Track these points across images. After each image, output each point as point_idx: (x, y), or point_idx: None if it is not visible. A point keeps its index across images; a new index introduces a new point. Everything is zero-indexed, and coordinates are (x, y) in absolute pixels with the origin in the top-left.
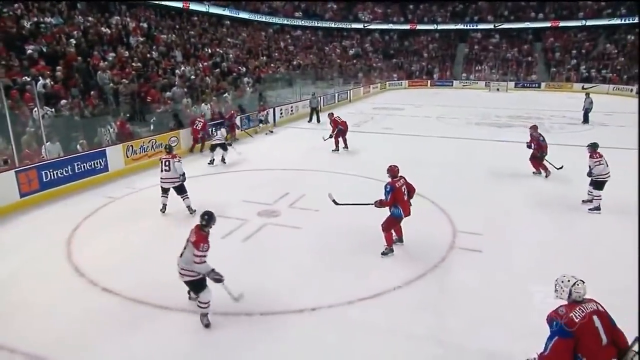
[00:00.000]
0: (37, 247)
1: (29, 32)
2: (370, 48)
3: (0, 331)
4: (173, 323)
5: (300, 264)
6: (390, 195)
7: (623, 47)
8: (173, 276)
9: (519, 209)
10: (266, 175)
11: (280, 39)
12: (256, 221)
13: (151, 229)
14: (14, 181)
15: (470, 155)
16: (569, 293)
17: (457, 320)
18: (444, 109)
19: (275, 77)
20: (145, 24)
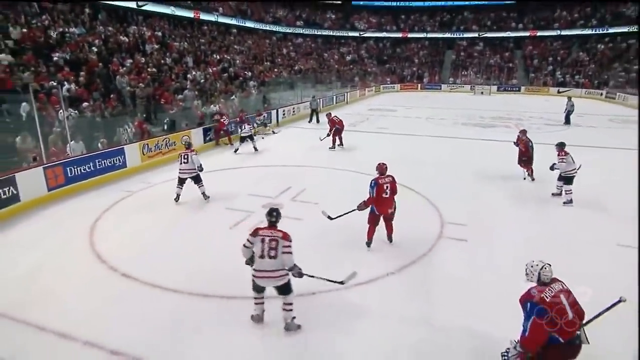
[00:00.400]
0: (63, 236)
1: (55, 41)
2: (366, 54)
3: (32, 311)
4: (183, 303)
5: (301, 252)
6: (374, 190)
7: (594, 55)
8: (183, 262)
9: (500, 201)
10: (270, 171)
11: (283, 46)
12: (261, 213)
13: (165, 219)
14: (42, 176)
15: (457, 153)
16: (538, 276)
17: (444, 303)
18: (433, 110)
19: (278, 81)
20: (160, 33)
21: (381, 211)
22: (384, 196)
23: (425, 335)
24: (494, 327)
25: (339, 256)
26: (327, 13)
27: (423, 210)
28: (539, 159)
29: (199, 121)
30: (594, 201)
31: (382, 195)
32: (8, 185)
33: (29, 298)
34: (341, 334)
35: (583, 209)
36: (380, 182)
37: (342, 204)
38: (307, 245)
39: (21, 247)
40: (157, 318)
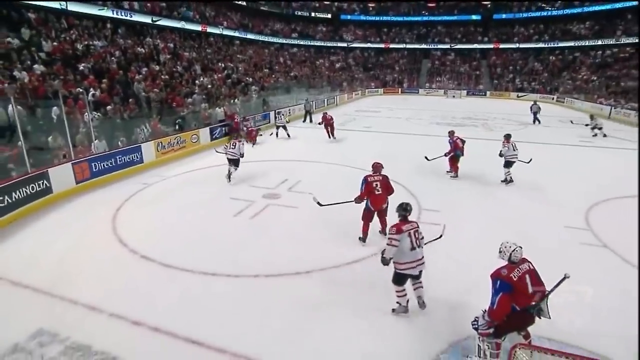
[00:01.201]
0: (89, 223)
1: (81, 52)
2: (353, 62)
3: (64, 287)
4: (194, 282)
5: (298, 236)
6: (363, 187)
7: (547, 65)
8: (194, 245)
9: (468, 190)
10: (269, 165)
11: (280, 55)
12: (261, 202)
13: (177, 208)
14: (70, 171)
15: (432, 148)
16: (509, 256)
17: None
18: (412, 111)
19: (276, 86)
20: (172, 44)
21: (374, 206)
22: (376, 193)
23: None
24: (463, 296)
25: (331, 240)
26: (318, 26)
27: (403, 198)
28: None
29: (206, 122)
30: (545, 190)
31: (375, 192)
32: (42, 179)
33: (62, 276)
34: (331, 304)
35: (536, 197)
36: (369, 179)
37: (332, 193)
38: (302, 231)
39: (53, 232)
40: (172, 293)
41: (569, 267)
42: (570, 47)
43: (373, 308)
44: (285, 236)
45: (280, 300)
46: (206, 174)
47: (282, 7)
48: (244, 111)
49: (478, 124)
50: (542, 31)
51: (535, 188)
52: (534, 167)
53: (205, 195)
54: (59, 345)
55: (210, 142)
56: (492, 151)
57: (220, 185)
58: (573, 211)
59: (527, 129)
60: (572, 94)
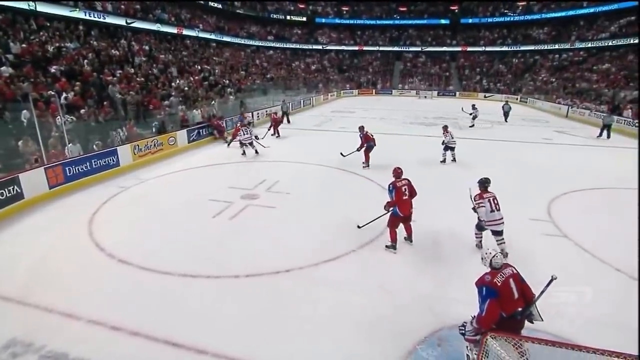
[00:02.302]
0: (65, 228)
1: (52, 54)
2: (328, 64)
3: (39, 295)
4: (174, 284)
5: (277, 236)
6: (393, 193)
7: (510, 67)
8: (173, 247)
9: (437, 184)
10: (247, 166)
11: (256, 57)
12: (240, 203)
13: (156, 211)
14: (43, 176)
15: (405, 146)
16: (490, 262)
17: (399, 273)
18: (385, 112)
19: (253, 88)
20: (147, 47)
21: (404, 212)
22: (404, 198)
23: (383, 299)
24: (441, 290)
25: (309, 239)
26: (294, 29)
27: (377, 196)
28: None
29: (183, 124)
30: (511, 187)
31: (402, 198)
32: (12, 184)
33: (36, 284)
34: (311, 302)
35: (500, 190)
36: (398, 185)
37: (312, 192)
38: (281, 230)
39: (26, 238)
40: (152, 296)
41: (537, 258)
42: (531, 51)
43: (353, 305)
44: (265, 236)
45: (260, 299)
46: (184, 176)
47: (258, 10)
48: (221, 113)
49: (449, 123)
50: (505, 35)
51: (499, 183)
52: (498, 163)
53: (183, 197)
54: (33, 355)
55: (187, 144)
56: (463, 149)
57: (198, 186)
58: (536, 204)
59: (492, 128)
60: (534, 94)
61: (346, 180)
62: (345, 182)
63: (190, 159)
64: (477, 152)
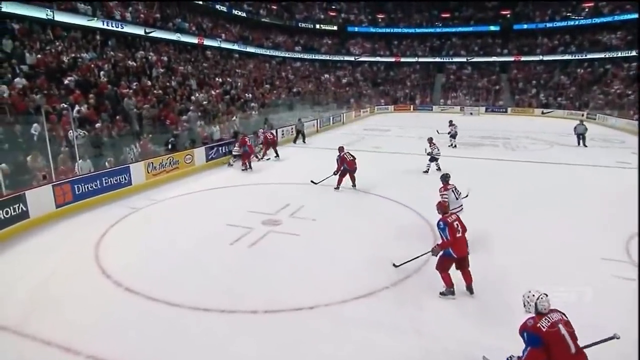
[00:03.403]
0: (70, 251)
1: (67, 65)
2: (361, 77)
3: (38, 324)
4: (184, 318)
5: (300, 267)
6: (446, 231)
7: (574, 79)
8: (185, 277)
9: (492, 215)
10: (269, 188)
11: (282, 70)
12: (261, 229)
13: (168, 235)
14: (50, 194)
15: (446, 170)
16: (535, 306)
17: (435, 314)
18: (424, 130)
19: (278, 103)
20: (166, 58)
21: (460, 253)
22: (458, 235)
23: (416, 343)
24: (479, 336)
25: (336, 271)
26: (323, 39)
27: (417, 226)
28: (526, 179)
29: (204, 141)
30: (578, 219)
31: (456, 235)
32: (18, 202)
33: (36, 312)
34: (337, 345)
35: (569, 227)
36: (449, 220)
37: (339, 219)
38: (305, 261)
39: (29, 261)
40: (159, 332)
41: (603, 306)
42: (601, 59)
43: (383, 347)
44: (287, 267)
45: (280, 339)
46: (201, 197)
47: (285, 18)
48: (242, 129)
49: (498, 143)
50: (568, 42)
51: (564, 215)
52: (562, 191)
53: (199, 221)
54: None
55: (205, 163)
56: (515, 173)
57: (216, 210)
58: (610, 241)
59: (552, 149)
60: (604, 109)
61: (380, 206)
62: (378, 209)
63: (208, 179)
64: (533, 177)
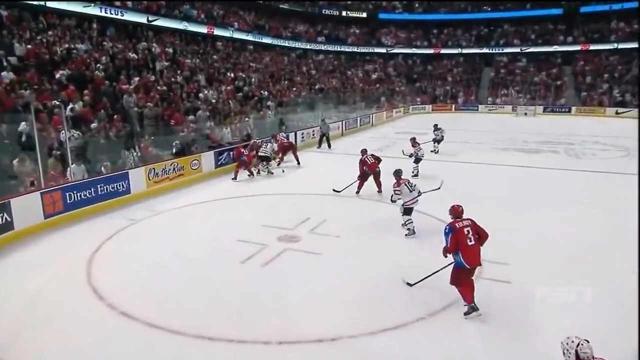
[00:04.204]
0: (59, 268)
1: (60, 57)
2: (393, 72)
3: (23, 352)
4: (187, 348)
5: (321, 291)
6: (450, 238)
7: None
8: (189, 300)
9: (546, 234)
10: (286, 199)
11: (303, 64)
12: (276, 246)
13: (171, 251)
14: (39, 202)
15: (495, 181)
16: (576, 354)
17: (482, 355)
18: (468, 133)
19: (298, 101)
20: (171, 50)
21: (471, 262)
22: (470, 244)
23: None
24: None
25: (363, 298)
26: (351, 28)
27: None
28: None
29: (212, 144)
30: None
31: (467, 243)
32: (2, 211)
33: (20, 337)
34: None
35: None
36: (457, 226)
37: (367, 237)
38: (327, 284)
39: (11, 280)
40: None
41: None
42: None
43: None
44: (306, 291)
45: None
46: (209, 208)
47: (307, 5)
48: (256, 132)
49: (560, 150)
50: None
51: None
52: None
53: (206, 236)
54: None
55: (214, 170)
56: (580, 184)
57: (225, 223)
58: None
59: (628, 157)
60: None
61: (415, 220)
62: (415, 225)
63: (217, 188)
64: (604, 190)
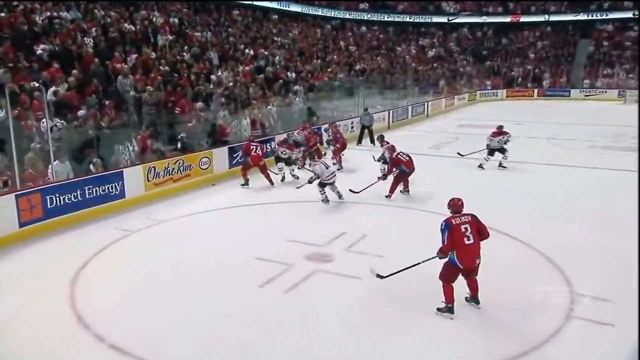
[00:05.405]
0: (36, 289)
1: (41, 28)
2: (456, 48)
3: None
4: None
5: (357, 323)
6: (445, 234)
7: None
8: (194, 331)
9: None
10: (317, 208)
11: (340, 38)
12: (303, 267)
13: (173, 270)
14: (13, 207)
15: (594, 189)
16: None
17: None
18: (556, 127)
19: (333, 85)
20: (176, 19)
21: (466, 264)
22: (467, 242)
23: None
24: None
25: (408, 333)
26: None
27: (538, 271)
28: None
29: (223, 138)
30: None
31: (464, 242)
32: None
33: None
34: None
35: None
36: (454, 222)
37: (420, 256)
38: (364, 315)
39: None
40: None
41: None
42: None
43: None
44: (340, 322)
45: None
46: (220, 218)
47: None
48: (281, 125)
49: None
50: None
51: None
52: None
53: (216, 252)
54: None
55: (228, 170)
56: None
57: (241, 236)
58: None
59: None
60: None
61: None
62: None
63: (231, 192)
64: None
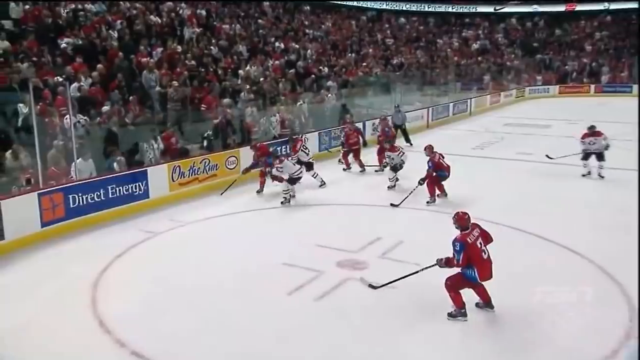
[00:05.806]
0: (57, 291)
1: (66, 21)
2: (504, 40)
3: None
4: None
5: (393, 334)
6: (462, 255)
7: None
8: (219, 340)
9: None
10: (350, 212)
11: (377, 30)
12: (335, 273)
13: (198, 276)
14: (35, 206)
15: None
16: None
17: None
18: (615, 126)
19: (369, 81)
20: (204, 11)
21: (484, 276)
22: (484, 257)
23: None
24: None
25: (448, 348)
26: None
27: (593, 286)
28: None
29: (250, 136)
30: None
31: (482, 257)
32: None
33: None
34: None
35: None
36: (469, 240)
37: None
38: (402, 326)
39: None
40: None
41: None
42: None
43: None
44: (374, 334)
45: None
46: (247, 220)
47: None
48: (312, 122)
49: None
50: None
51: None
52: None
53: (243, 257)
54: None
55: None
56: None
57: (268, 240)
58: None
59: None
60: None
61: (526, 245)
62: (520, 249)
63: (254, 195)
64: None
